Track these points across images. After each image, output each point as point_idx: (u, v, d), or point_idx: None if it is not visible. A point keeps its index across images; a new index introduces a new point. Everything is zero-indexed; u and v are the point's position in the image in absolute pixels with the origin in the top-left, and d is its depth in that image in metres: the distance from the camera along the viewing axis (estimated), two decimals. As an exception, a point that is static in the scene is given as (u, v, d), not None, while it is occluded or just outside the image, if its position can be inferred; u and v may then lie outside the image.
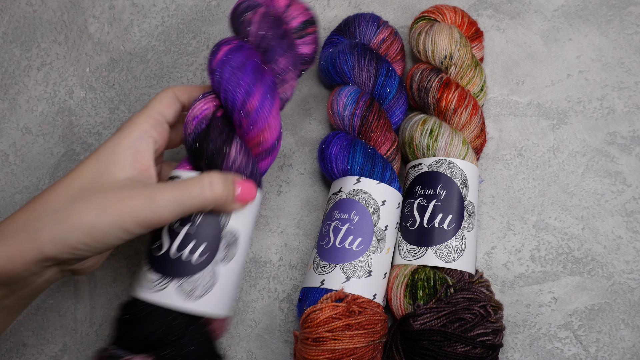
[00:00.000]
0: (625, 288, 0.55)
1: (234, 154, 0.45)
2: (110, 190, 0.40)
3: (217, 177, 0.43)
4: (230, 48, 0.45)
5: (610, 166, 0.59)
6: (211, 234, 0.44)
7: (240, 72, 0.44)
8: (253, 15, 0.47)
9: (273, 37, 0.47)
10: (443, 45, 0.56)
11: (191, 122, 0.45)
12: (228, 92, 0.44)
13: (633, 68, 0.61)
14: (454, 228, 0.52)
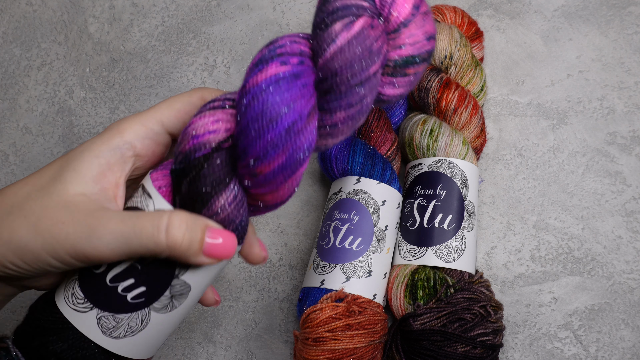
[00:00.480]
0: (625, 288, 0.55)
1: (222, 203, 0.34)
2: (52, 207, 0.33)
3: (180, 219, 0.33)
4: (282, 74, 0.32)
5: (610, 166, 0.59)
6: (157, 278, 0.36)
7: (269, 124, 0.31)
8: (341, 31, 0.32)
9: (348, 81, 0.32)
10: (443, 45, 0.56)
11: (187, 141, 0.34)
12: (243, 135, 0.32)
13: (633, 68, 0.61)
14: (454, 228, 0.52)
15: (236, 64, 0.65)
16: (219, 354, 0.57)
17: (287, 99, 0.32)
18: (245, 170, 0.33)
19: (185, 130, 0.34)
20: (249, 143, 0.32)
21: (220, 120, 0.33)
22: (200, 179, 0.33)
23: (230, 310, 0.58)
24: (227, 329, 0.58)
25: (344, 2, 0.33)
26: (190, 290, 0.37)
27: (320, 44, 0.33)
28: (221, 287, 0.59)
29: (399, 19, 0.34)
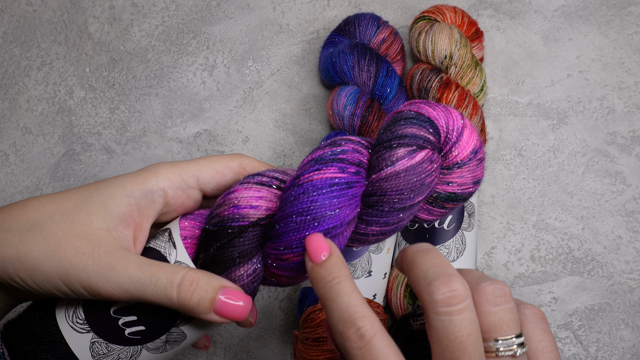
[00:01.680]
0: (625, 288, 0.55)
1: (242, 273, 0.35)
2: (74, 235, 0.33)
3: (193, 279, 0.34)
4: (338, 179, 0.33)
5: (610, 166, 0.59)
6: (158, 322, 0.36)
7: (309, 223, 0.32)
8: (402, 158, 0.33)
9: (393, 204, 0.33)
10: (443, 45, 0.56)
11: (228, 206, 0.35)
12: (282, 224, 0.33)
13: (633, 68, 0.61)
14: (454, 228, 0.52)
15: (236, 64, 0.65)
16: (218, 353, 0.57)
17: (336, 205, 0.33)
18: (274, 252, 0.34)
19: (228, 195, 0.35)
20: (287, 232, 0.33)
21: (264, 198, 0.34)
22: (230, 247, 0.34)
23: (230, 310, 0.58)
24: (227, 329, 0.58)
25: (414, 132, 0.34)
26: (185, 339, 0.37)
27: (379, 161, 0.34)
28: (221, 287, 0.59)
29: (456, 159, 0.35)
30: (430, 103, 0.35)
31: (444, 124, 0.34)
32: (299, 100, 0.63)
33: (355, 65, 0.57)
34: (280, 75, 0.64)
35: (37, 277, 0.33)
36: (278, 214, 0.34)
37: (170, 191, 0.36)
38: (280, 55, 0.65)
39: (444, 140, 0.35)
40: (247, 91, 0.64)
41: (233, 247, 0.34)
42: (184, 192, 0.37)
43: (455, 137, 0.34)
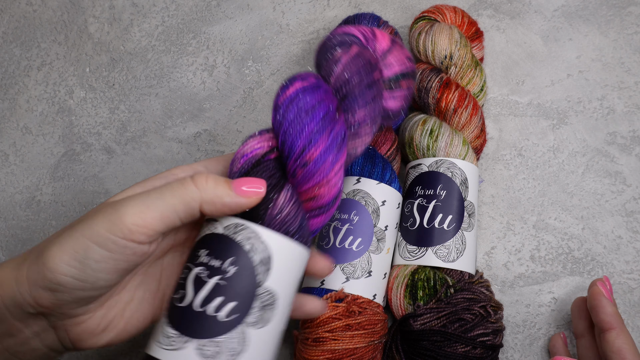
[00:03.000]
0: (625, 288, 0.55)
1: (282, 202, 0.38)
2: (108, 204, 0.37)
3: (201, 172, 0.40)
4: (304, 86, 0.39)
5: (610, 166, 0.59)
6: (242, 289, 0.36)
7: (307, 117, 0.38)
8: (343, 54, 0.41)
9: (358, 84, 0.40)
10: (443, 45, 0.56)
11: (238, 160, 0.39)
12: (287, 135, 0.38)
13: (633, 68, 0.61)
14: (454, 228, 0.52)
15: (236, 64, 0.65)
16: (219, 354, 0.57)
17: (316, 98, 0.39)
18: (295, 163, 0.38)
19: (236, 154, 0.40)
20: (295, 137, 0.38)
21: (262, 141, 0.40)
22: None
23: (230, 310, 0.58)
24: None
25: (338, 38, 0.43)
26: (277, 300, 0.37)
27: (328, 69, 0.41)
28: (221, 287, 0.59)
29: (382, 49, 0.44)
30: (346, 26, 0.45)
31: (360, 31, 0.44)
32: (299, 100, 0.63)
33: (355, 65, 0.57)
34: (280, 75, 0.64)
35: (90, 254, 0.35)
36: (280, 140, 0.39)
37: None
38: (280, 55, 0.65)
39: (364, 40, 0.44)
40: (247, 91, 0.64)
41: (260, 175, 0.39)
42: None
43: (372, 34, 0.44)
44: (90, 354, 0.57)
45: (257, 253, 0.37)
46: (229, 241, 0.37)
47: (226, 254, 0.37)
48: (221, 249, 0.37)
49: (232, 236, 0.37)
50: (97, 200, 0.62)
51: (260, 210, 0.37)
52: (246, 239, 0.37)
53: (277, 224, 0.38)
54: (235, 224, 0.38)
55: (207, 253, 0.38)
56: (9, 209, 0.63)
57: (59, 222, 0.62)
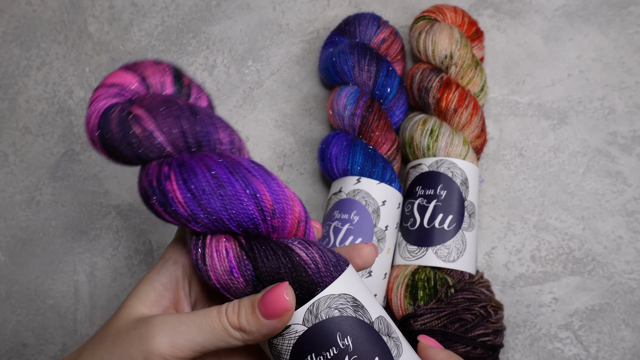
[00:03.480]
0: (626, 288, 0.55)
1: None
2: (126, 327, 0.35)
3: (235, 302, 0.35)
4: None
5: (610, 166, 0.59)
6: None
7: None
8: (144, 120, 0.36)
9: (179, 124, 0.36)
10: (443, 45, 0.56)
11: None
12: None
13: (634, 68, 0.61)
14: (454, 228, 0.52)
15: (236, 63, 0.65)
16: (219, 354, 0.57)
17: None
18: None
19: None
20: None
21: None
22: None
23: (230, 310, 0.58)
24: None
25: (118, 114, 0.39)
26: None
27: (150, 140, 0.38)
28: (221, 288, 0.59)
29: (160, 82, 0.40)
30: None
31: (132, 82, 0.40)
32: (299, 100, 0.63)
33: (356, 65, 0.56)
34: (280, 75, 0.64)
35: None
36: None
37: (182, 257, 0.39)
38: (280, 55, 0.65)
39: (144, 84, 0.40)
40: (247, 91, 0.64)
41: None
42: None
43: (142, 76, 0.40)
44: (90, 354, 0.57)
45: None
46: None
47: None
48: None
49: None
50: (97, 200, 0.62)
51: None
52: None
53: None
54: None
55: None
56: (8, 209, 0.63)
57: (58, 222, 0.62)
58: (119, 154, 0.35)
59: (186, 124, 0.35)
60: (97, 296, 0.59)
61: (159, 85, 0.38)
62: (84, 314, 0.59)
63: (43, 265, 0.61)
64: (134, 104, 0.36)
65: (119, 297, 0.59)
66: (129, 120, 0.35)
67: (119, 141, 0.35)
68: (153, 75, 0.38)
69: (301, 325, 0.34)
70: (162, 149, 0.35)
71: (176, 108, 0.36)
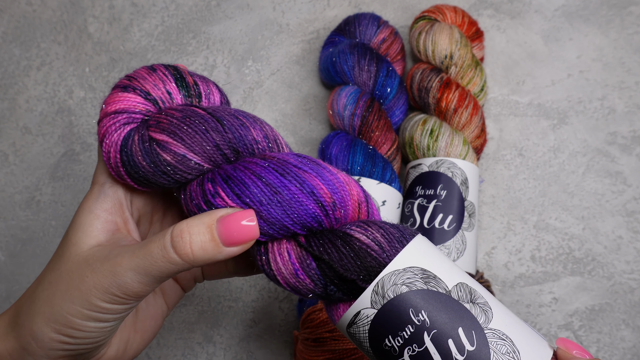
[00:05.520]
0: (626, 288, 0.55)
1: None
2: (74, 269, 0.33)
3: (182, 228, 0.32)
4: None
5: (610, 166, 0.59)
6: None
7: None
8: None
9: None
10: (443, 45, 0.56)
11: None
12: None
13: (633, 68, 0.61)
14: (454, 228, 0.52)
15: (236, 63, 0.65)
16: (218, 354, 0.57)
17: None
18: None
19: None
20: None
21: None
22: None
23: (230, 310, 0.58)
24: (227, 329, 0.58)
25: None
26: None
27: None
28: (221, 288, 0.59)
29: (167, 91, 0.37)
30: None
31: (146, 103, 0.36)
32: (299, 100, 0.63)
33: (356, 65, 0.56)
34: (280, 75, 0.64)
35: (73, 324, 0.33)
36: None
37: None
38: (280, 55, 0.65)
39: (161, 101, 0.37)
40: (247, 91, 0.64)
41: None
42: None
43: (165, 96, 0.36)
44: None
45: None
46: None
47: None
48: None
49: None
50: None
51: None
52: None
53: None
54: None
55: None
56: (8, 209, 0.63)
57: (58, 222, 0.62)
58: (155, 184, 0.34)
59: (217, 136, 0.33)
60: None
61: (166, 96, 0.35)
62: (84, 314, 0.59)
63: (43, 265, 0.61)
64: (151, 128, 0.33)
65: (119, 297, 0.59)
66: (155, 150, 0.33)
67: (153, 173, 0.33)
68: (155, 88, 0.35)
69: (370, 308, 0.32)
70: (200, 168, 0.34)
71: (199, 121, 0.33)
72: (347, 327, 0.33)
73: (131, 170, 0.33)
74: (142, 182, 0.34)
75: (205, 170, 0.34)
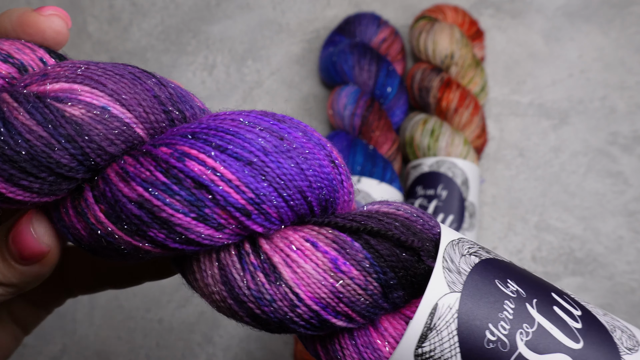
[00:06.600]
0: (627, 288, 0.55)
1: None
2: None
3: None
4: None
5: (611, 166, 0.58)
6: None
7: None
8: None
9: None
10: (444, 44, 0.56)
11: None
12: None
13: (634, 68, 0.61)
14: (454, 228, 0.52)
15: (236, 63, 0.65)
16: (218, 354, 0.57)
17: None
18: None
19: None
20: None
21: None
22: None
23: (230, 311, 0.58)
24: (227, 329, 0.57)
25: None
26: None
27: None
28: (221, 288, 0.59)
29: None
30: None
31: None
32: (299, 100, 0.63)
33: (356, 65, 0.56)
34: (280, 75, 0.64)
35: None
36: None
37: None
38: (280, 54, 0.65)
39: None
40: (247, 91, 0.64)
41: None
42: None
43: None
44: (90, 355, 0.57)
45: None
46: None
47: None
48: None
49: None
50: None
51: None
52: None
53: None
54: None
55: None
56: (7, 209, 0.63)
57: None
58: (46, 169, 0.22)
59: (156, 87, 0.23)
60: (97, 297, 0.59)
61: (39, 63, 0.24)
62: (83, 315, 0.59)
63: (42, 266, 0.60)
64: (33, 85, 0.22)
65: (118, 297, 0.59)
66: (51, 106, 0.21)
67: (48, 145, 0.21)
68: (19, 52, 0.24)
69: (451, 293, 0.22)
70: (132, 134, 0.23)
71: (120, 70, 0.23)
72: (417, 346, 0.22)
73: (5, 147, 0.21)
74: (22, 168, 0.21)
75: (137, 139, 0.22)
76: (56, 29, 0.25)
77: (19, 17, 0.25)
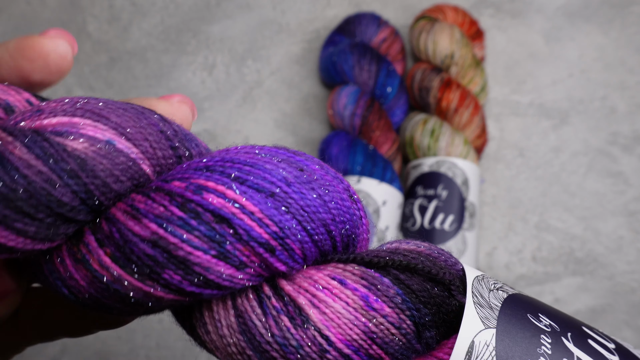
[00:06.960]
0: (627, 289, 0.55)
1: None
2: None
3: None
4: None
5: (612, 166, 0.58)
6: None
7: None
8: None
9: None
10: (444, 44, 0.56)
11: None
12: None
13: (635, 68, 0.61)
14: (455, 228, 0.52)
15: (236, 63, 0.65)
16: (218, 355, 0.57)
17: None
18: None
19: None
20: None
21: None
22: None
23: (230, 311, 0.58)
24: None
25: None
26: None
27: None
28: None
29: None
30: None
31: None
32: (299, 100, 0.63)
33: (356, 65, 0.56)
34: (280, 74, 0.64)
35: None
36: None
37: None
38: (280, 54, 0.65)
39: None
40: (247, 91, 0.64)
41: None
42: None
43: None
44: (90, 355, 0.57)
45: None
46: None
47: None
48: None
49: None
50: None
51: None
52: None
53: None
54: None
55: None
56: (7, 209, 0.62)
57: None
58: (47, 209, 0.19)
59: (161, 123, 0.22)
60: (97, 297, 0.59)
61: (26, 105, 0.22)
62: (83, 315, 0.59)
63: (42, 266, 0.60)
64: (29, 120, 0.20)
65: (119, 297, 0.59)
66: (50, 141, 0.19)
67: (48, 180, 0.19)
68: (4, 93, 0.21)
69: (486, 330, 0.21)
70: (138, 170, 0.21)
71: (122, 106, 0.21)
72: None
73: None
74: (23, 211, 0.18)
75: (143, 177, 0.21)
76: (61, 54, 0.23)
77: (18, 41, 0.23)
